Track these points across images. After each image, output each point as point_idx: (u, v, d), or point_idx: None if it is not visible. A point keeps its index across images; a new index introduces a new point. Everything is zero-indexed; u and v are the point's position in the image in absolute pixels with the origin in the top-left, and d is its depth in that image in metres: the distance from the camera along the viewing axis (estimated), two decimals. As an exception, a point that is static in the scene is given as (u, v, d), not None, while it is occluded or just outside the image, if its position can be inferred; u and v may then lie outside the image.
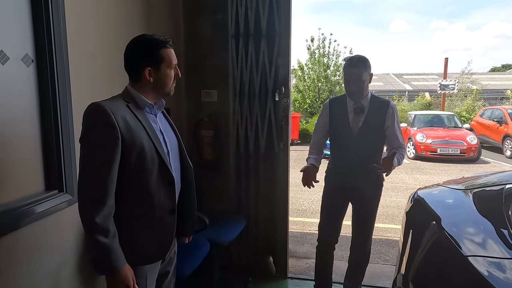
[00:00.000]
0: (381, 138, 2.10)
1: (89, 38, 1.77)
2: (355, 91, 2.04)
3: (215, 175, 2.78)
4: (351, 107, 2.09)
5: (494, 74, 27.80)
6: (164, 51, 1.30)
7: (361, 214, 2.21)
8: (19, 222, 1.40)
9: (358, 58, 2.03)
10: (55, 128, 1.57)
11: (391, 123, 2.08)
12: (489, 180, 2.00)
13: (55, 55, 1.53)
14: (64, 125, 1.59)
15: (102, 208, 1.17)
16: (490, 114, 11.12)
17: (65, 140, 1.60)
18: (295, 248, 3.40)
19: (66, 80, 1.59)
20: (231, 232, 2.47)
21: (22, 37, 1.45)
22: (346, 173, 2.13)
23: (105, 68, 1.87)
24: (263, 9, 2.53)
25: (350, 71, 2.04)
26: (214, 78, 2.74)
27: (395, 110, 2.09)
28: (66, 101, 1.60)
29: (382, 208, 5.19)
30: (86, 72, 1.75)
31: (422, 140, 9.32)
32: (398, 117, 2.12)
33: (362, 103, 2.07)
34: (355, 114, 2.09)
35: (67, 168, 1.63)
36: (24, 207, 1.43)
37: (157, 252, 1.36)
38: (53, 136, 1.57)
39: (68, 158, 1.63)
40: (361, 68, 2.00)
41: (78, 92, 1.67)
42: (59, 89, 1.55)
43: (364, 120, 2.06)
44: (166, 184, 1.32)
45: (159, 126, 1.37)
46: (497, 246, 1.18)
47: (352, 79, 2.02)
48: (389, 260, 3.33)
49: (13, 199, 1.42)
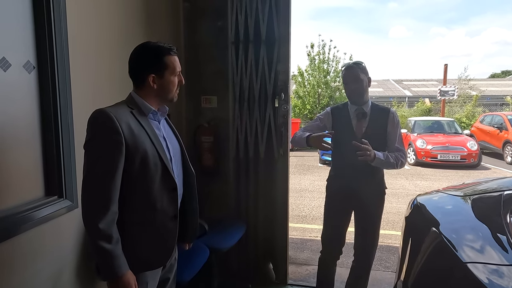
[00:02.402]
0: (384, 144, 2.10)
1: (90, 45, 1.79)
2: (354, 90, 2.06)
3: (215, 181, 2.78)
4: (353, 113, 2.10)
5: (494, 80, 27.89)
6: (168, 58, 1.32)
7: (363, 222, 2.17)
8: (19, 227, 1.40)
9: (354, 62, 2.11)
10: (55, 134, 1.58)
11: (392, 129, 2.09)
12: (489, 186, 2.00)
13: (57, 61, 1.54)
14: (64, 131, 1.60)
15: (106, 214, 1.18)
16: (490, 120, 11.13)
17: (65, 146, 1.61)
18: (295, 254, 3.39)
19: (67, 87, 1.61)
20: (231, 238, 2.47)
21: (24, 44, 1.47)
22: (348, 179, 2.11)
23: (106, 74, 1.89)
24: (262, 15, 2.55)
25: (347, 74, 2.09)
26: (214, 84, 2.75)
27: (396, 116, 2.11)
28: (67, 107, 1.61)
29: (383, 214, 5.18)
30: (87, 79, 1.77)
31: (423, 146, 9.32)
32: (399, 123, 2.13)
33: (364, 109, 2.09)
34: (357, 120, 2.09)
35: (67, 174, 1.63)
36: (24, 213, 1.44)
37: (159, 258, 1.36)
38: (54, 142, 1.58)
39: (68, 164, 1.63)
40: (357, 70, 2.05)
41: (79, 98, 1.68)
42: (60, 95, 1.56)
43: (367, 125, 2.08)
44: (169, 190, 1.33)
45: (162, 133, 1.38)
46: (495, 253, 1.18)
47: (350, 79, 2.06)
48: (390, 267, 3.31)
49: (13, 205, 1.42)
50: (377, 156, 1.95)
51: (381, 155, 1.98)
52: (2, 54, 1.35)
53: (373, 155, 1.93)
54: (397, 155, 2.05)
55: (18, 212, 1.42)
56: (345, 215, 2.21)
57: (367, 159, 1.93)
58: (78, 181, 1.62)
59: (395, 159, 2.03)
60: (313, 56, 14.86)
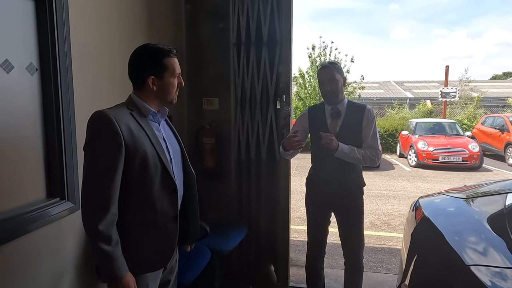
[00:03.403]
0: (359, 141, 2.11)
1: (92, 47, 1.79)
2: (329, 90, 2.08)
3: (216, 183, 2.78)
4: (328, 112, 2.14)
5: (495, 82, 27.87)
6: (168, 60, 1.32)
7: (346, 222, 2.19)
8: (21, 229, 1.41)
9: (330, 62, 2.18)
10: (57, 136, 1.58)
11: (367, 125, 2.10)
12: (491, 188, 2.00)
13: (59, 63, 1.55)
14: (66, 133, 1.60)
15: (105, 215, 1.18)
16: (492, 122, 11.11)
17: (67, 148, 1.61)
18: (296, 256, 3.38)
19: (70, 89, 1.61)
20: (232, 240, 2.46)
21: (27, 46, 1.47)
22: (325, 178, 2.14)
23: (108, 76, 1.89)
24: (264, 17, 2.56)
25: (321, 72, 2.12)
26: (215, 85, 2.75)
27: (371, 113, 2.12)
28: (69, 109, 1.61)
29: (384, 216, 5.17)
30: (89, 81, 1.77)
31: (424, 148, 9.31)
32: (375, 121, 2.13)
33: (339, 108, 2.12)
34: (332, 119, 2.13)
35: (69, 176, 1.63)
36: (26, 215, 1.44)
37: (159, 260, 1.35)
38: (56, 143, 1.58)
39: (71, 166, 1.63)
40: (331, 68, 2.08)
41: (81, 100, 1.69)
42: (62, 97, 1.57)
43: (341, 124, 2.11)
44: (169, 192, 1.33)
45: (162, 134, 1.38)
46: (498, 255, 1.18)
47: (325, 78, 2.09)
48: (391, 269, 3.30)
49: (15, 207, 1.42)
50: (340, 147, 1.99)
51: (346, 148, 2.00)
52: (5, 56, 1.36)
53: (335, 145, 1.97)
54: (366, 152, 2.05)
55: (21, 214, 1.42)
56: (324, 218, 2.24)
57: (330, 147, 1.98)
58: (80, 183, 1.62)
59: (362, 155, 2.03)
60: (314, 58, 14.85)
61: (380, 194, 6.46)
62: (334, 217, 2.24)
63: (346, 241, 2.21)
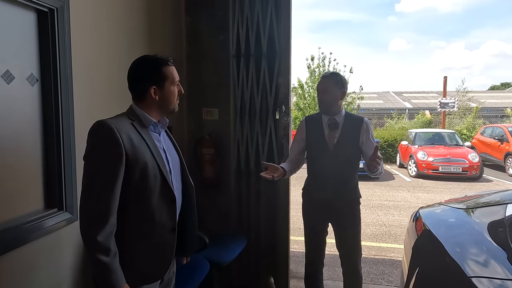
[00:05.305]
0: (356, 154, 2.13)
1: (93, 58, 1.81)
2: (323, 100, 2.10)
3: (216, 193, 2.77)
4: (326, 123, 2.14)
5: (494, 93, 28.04)
6: (167, 68, 1.33)
7: (342, 232, 2.18)
8: (19, 240, 1.39)
9: (331, 72, 2.17)
10: (57, 146, 1.58)
11: (366, 138, 2.11)
12: (492, 199, 1.99)
13: (60, 74, 1.56)
14: (66, 144, 1.60)
15: (104, 226, 1.17)
16: (491, 132, 11.14)
17: (66, 159, 1.61)
18: (296, 268, 3.34)
19: (70, 100, 1.62)
20: (232, 251, 2.44)
21: (28, 57, 1.48)
22: (322, 189, 2.14)
23: (108, 87, 1.90)
24: (263, 29, 2.59)
25: (320, 81, 2.15)
26: (215, 96, 2.77)
27: (369, 126, 2.14)
28: (69, 120, 1.62)
29: (385, 227, 5.14)
30: (89, 92, 1.78)
31: (424, 158, 9.30)
32: (372, 132, 2.15)
33: (336, 119, 2.12)
34: (329, 130, 2.13)
35: (68, 187, 1.63)
36: (24, 225, 1.43)
37: (156, 271, 1.34)
38: (55, 154, 1.58)
39: (69, 176, 1.63)
40: (331, 79, 2.10)
41: (81, 111, 1.69)
42: (62, 108, 1.57)
43: (339, 136, 2.11)
44: (167, 202, 1.32)
45: (162, 145, 1.38)
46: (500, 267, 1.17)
47: (323, 88, 2.11)
48: (393, 281, 3.26)
49: (13, 217, 1.41)
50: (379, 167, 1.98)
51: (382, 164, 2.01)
52: (6, 67, 1.37)
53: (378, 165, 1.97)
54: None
55: (18, 225, 1.41)
56: (322, 228, 2.22)
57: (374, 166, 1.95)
58: (79, 194, 1.61)
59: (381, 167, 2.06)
60: (313, 69, 14.98)
61: (380, 205, 6.43)
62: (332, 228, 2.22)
63: (344, 250, 2.20)
